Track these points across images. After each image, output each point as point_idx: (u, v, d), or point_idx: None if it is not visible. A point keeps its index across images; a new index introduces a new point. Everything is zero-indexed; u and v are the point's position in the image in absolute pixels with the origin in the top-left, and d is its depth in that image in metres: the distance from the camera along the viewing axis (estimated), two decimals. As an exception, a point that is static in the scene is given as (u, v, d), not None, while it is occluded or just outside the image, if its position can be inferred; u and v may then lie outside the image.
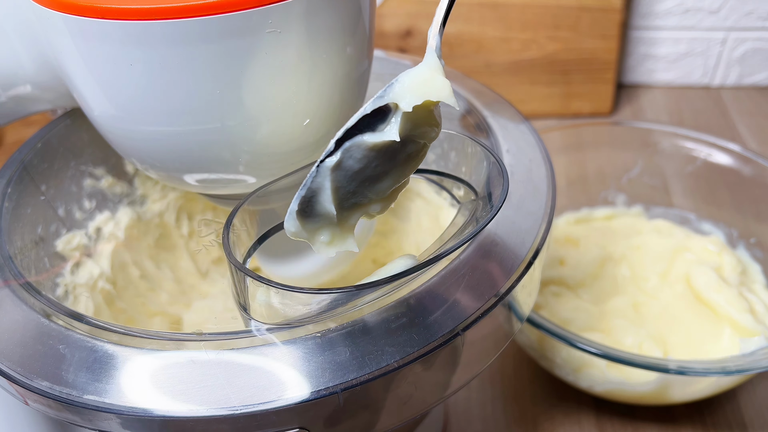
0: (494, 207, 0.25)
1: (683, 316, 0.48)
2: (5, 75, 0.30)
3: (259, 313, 0.24)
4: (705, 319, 0.47)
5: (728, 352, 0.45)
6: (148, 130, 0.26)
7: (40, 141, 0.34)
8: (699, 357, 0.44)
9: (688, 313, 0.48)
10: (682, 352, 0.45)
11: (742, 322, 0.45)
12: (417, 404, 0.26)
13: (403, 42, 0.74)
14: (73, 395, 0.23)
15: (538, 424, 0.46)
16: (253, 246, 0.28)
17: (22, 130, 0.55)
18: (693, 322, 0.47)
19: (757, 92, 0.81)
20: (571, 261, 0.52)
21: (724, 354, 0.44)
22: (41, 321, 0.26)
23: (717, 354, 0.45)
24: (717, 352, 0.45)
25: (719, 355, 0.44)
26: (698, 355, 0.45)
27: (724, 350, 0.45)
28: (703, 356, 0.44)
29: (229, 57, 0.23)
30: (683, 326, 0.47)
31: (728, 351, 0.45)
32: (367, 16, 0.27)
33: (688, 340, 0.46)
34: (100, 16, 0.22)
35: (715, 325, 0.47)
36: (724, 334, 0.46)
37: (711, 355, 0.45)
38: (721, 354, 0.45)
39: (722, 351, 0.45)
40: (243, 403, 0.22)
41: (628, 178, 0.59)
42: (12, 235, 0.30)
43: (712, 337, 0.46)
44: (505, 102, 0.37)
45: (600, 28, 0.72)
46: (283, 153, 0.27)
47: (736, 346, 0.45)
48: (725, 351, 0.45)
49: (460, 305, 0.25)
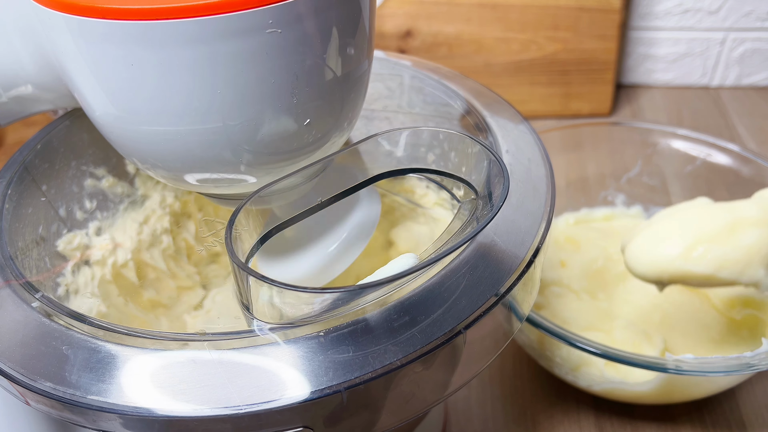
0: (495, 206, 0.25)
1: (683, 316, 0.48)
2: (6, 75, 0.30)
3: (262, 313, 0.25)
4: (705, 319, 0.47)
5: (728, 352, 0.45)
6: (149, 129, 0.26)
7: (40, 141, 0.35)
8: (698, 357, 0.45)
9: (688, 313, 0.48)
10: (682, 352, 0.45)
11: None
12: (418, 403, 0.26)
13: (403, 42, 0.74)
14: (76, 396, 0.23)
15: (538, 423, 0.46)
16: (255, 246, 0.28)
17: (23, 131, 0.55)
18: (693, 322, 0.47)
19: (756, 92, 0.81)
20: (571, 263, 0.52)
21: (723, 354, 0.45)
22: (43, 321, 0.26)
23: (716, 353, 0.45)
24: (717, 351, 0.45)
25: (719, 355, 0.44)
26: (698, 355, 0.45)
27: (723, 350, 0.45)
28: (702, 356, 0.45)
29: (230, 57, 0.23)
30: (683, 326, 0.47)
31: (728, 351, 0.45)
32: (367, 16, 0.27)
33: (688, 340, 0.46)
34: (101, 16, 0.22)
35: (715, 325, 0.47)
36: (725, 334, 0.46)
37: (710, 354, 0.45)
38: (720, 354, 0.45)
39: (722, 351, 0.45)
40: (246, 402, 0.22)
41: (628, 178, 0.59)
42: (13, 235, 0.30)
43: (712, 337, 0.46)
44: (504, 102, 0.37)
45: (599, 29, 0.73)
46: (283, 153, 0.28)
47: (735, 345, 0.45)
48: (725, 351, 0.45)
49: (461, 304, 0.25)
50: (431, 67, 0.40)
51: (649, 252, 0.40)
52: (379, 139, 0.30)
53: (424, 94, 0.39)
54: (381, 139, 0.30)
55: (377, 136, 0.30)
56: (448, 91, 0.38)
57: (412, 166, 0.31)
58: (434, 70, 0.40)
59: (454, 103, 0.38)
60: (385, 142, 0.30)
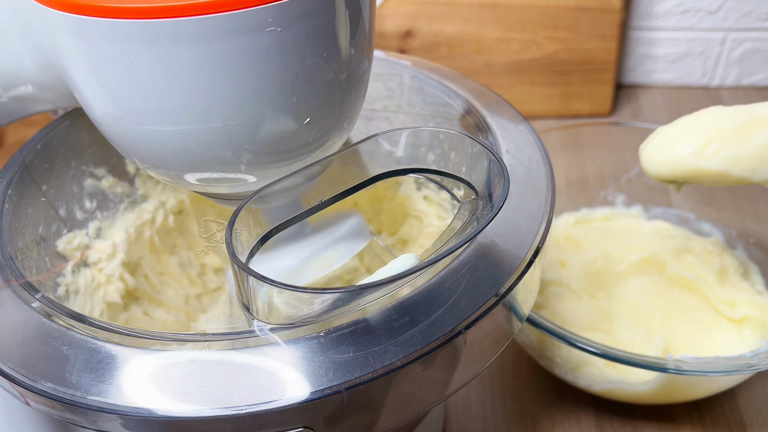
0: (495, 206, 0.25)
1: (683, 316, 0.48)
2: (6, 75, 0.30)
3: (262, 313, 0.25)
4: (705, 319, 0.47)
5: (728, 352, 0.45)
6: (149, 129, 0.26)
7: (40, 141, 0.35)
8: (698, 357, 0.45)
9: (687, 313, 0.48)
10: (682, 352, 0.45)
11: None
12: (418, 403, 0.26)
13: (403, 42, 0.74)
14: (77, 396, 0.23)
15: (538, 423, 0.46)
16: (256, 246, 0.28)
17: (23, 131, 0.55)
18: (693, 322, 0.47)
19: (755, 92, 0.81)
20: (571, 263, 0.52)
21: (723, 354, 0.45)
22: (42, 321, 0.26)
23: (716, 354, 0.45)
24: (717, 351, 0.45)
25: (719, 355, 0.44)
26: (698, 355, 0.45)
27: (724, 350, 0.45)
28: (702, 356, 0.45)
29: (230, 56, 0.23)
30: (683, 326, 0.47)
31: (728, 351, 0.45)
32: (367, 16, 0.27)
33: (688, 340, 0.46)
34: (100, 15, 0.22)
35: (715, 325, 0.47)
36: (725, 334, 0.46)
37: (710, 354, 0.45)
38: (720, 354, 0.45)
39: (722, 351, 0.45)
40: (246, 402, 0.22)
41: (628, 178, 0.59)
42: (13, 235, 0.30)
43: (712, 337, 0.46)
44: (504, 102, 0.37)
45: (599, 29, 0.73)
46: (283, 152, 0.28)
47: (735, 345, 0.45)
48: (725, 351, 0.45)
49: (461, 305, 0.25)
50: (431, 67, 0.40)
51: (663, 152, 0.40)
52: (379, 139, 0.30)
53: (424, 94, 0.39)
54: (381, 139, 0.30)
55: (377, 136, 0.30)
56: (448, 91, 0.38)
57: (412, 166, 0.31)
58: (434, 70, 0.40)
59: (454, 103, 0.38)
60: (385, 142, 0.30)
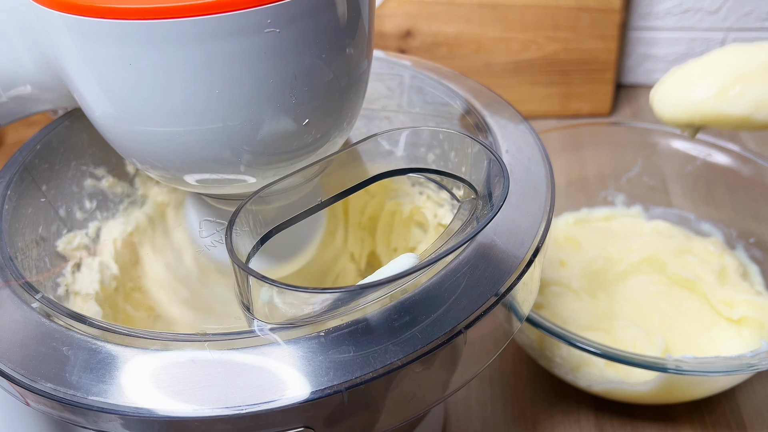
0: (495, 206, 0.25)
1: (683, 316, 0.48)
2: (5, 75, 0.30)
3: (262, 313, 0.25)
4: (705, 319, 0.47)
5: (728, 352, 0.45)
6: (149, 130, 0.26)
7: (40, 141, 0.35)
8: (698, 357, 0.45)
9: (687, 313, 0.48)
10: (682, 352, 0.45)
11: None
12: (418, 403, 0.26)
13: (403, 42, 0.74)
14: (77, 397, 0.23)
15: (538, 423, 0.46)
16: (256, 246, 0.28)
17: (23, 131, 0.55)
18: (693, 322, 0.47)
19: (755, 92, 0.81)
20: (571, 262, 0.52)
21: (723, 354, 0.45)
22: (42, 322, 0.26)
23: (716, 354, 0.45)
24: (716, 351, 0.45)
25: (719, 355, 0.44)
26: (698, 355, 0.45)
27: (723, 350, 0.45)
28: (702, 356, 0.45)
29: (229, 56, 0.23)
30: (684, 326, 0.47)
31: (728, 351, 0.45)
32: (367, 16, 0.27)
33: (688, 340, 0.46)
34: (99, 16, 0.23)
35: (715, 325, 0.47)
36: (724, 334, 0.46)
37: (710, 354, 0.45)
38: (720, 354, 0.45)
39: (721, 351, 0.45)
40: (246, 402, 0.22)
41: (628, 178, 0.59)
42: (13, 236, 0.30)
43: (711, 337, 0.46)
44: (504, 102, 0.37)
45: (599, 29, 0.73)
46: (283, 153, 0.28)
47: (735, 346, 0.45)
48: (725, 351, 0.45)
49: (461, 304, 0.25)
50: (431, 67, 0.40)
51: (680, 94, 0.37)
52: (379, 139, 0.30)
53: (424, 93, 0.39)
54: (381, 138, 0.30)
55: (377, 136, 0.30)
56: (448, 91, 0.38)
57: (412, 165, 0.31)
58: (434, 70, 0.40)
59: (454, 103, 0.38)
60: (385, 141, 0.30)
